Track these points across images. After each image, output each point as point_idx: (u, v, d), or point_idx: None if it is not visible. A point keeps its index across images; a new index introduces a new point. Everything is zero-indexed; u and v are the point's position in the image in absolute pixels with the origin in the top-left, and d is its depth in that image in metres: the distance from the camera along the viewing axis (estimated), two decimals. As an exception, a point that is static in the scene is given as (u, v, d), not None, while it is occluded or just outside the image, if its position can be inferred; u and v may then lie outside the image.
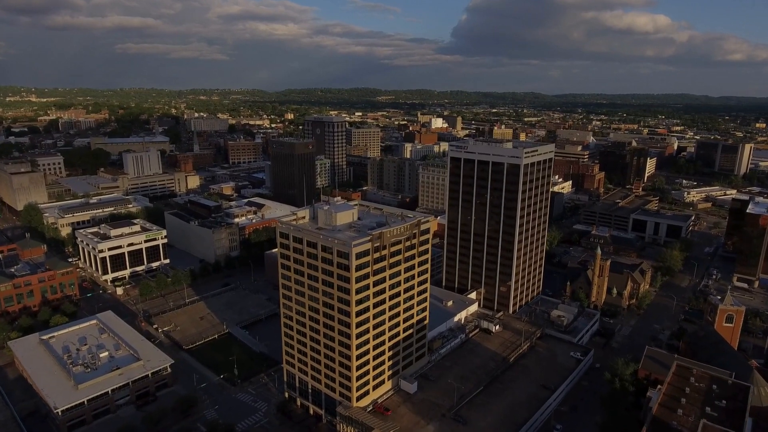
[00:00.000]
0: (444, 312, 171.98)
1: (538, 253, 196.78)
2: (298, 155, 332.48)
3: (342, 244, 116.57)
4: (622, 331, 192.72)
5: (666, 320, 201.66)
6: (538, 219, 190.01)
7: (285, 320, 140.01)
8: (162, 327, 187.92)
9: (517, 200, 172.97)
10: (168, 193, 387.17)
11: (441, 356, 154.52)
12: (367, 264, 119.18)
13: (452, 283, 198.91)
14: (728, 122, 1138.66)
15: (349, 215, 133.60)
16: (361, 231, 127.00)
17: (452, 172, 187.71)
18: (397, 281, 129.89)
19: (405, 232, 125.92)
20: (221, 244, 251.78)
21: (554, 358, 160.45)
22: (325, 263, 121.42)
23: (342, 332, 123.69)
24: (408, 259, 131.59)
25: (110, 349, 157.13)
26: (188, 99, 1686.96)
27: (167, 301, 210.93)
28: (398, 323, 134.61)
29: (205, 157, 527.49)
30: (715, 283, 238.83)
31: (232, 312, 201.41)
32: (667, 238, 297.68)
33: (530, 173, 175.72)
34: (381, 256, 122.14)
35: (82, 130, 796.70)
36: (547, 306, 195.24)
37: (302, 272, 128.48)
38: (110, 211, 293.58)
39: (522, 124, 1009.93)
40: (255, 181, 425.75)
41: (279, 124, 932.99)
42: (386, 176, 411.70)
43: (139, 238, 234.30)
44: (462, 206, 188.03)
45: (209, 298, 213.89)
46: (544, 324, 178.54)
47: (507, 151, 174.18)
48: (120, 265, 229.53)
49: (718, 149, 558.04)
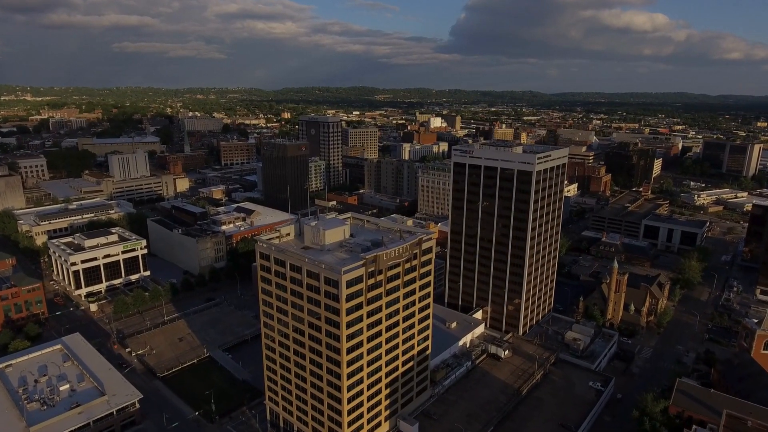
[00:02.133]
0: (447, 335, 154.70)
1: (550, 267, 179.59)
2: (291, 157, 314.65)
3: (330, 269, 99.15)
4: (642, 353, 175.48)
5: (689, 340, 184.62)
6: (551, 230, 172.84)
7: (267, 352, 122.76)
8: (136, 350, 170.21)
9: (528, 210, 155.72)
10: (155, 197, 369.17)
11: (445, 388, 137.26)
12: (360, 292, 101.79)
13: (455, 300, 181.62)
14: (729, 121, 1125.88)
15: (340, 232, 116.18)
16: (354, 251, 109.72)
17: (456, 179, 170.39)
18: (394, 309, 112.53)
19: (404, 253, 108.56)
20: (206, 255, 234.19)
21: (571, 389, 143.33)
22: (311, 291, 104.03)
23: (331, 370, 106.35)
24: (408, 283, 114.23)
25: (72, 381, 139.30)
26: (185, 98, 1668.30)
27: (144, 319, 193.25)
28: (396, 356, 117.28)
29: (196, 159, 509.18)
30: (736, 296, 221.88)
31: (215, 332, 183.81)
32: (681, 246, 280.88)
33: (543, 180, 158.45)
34: (376, 282, 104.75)
35: (73, 129, 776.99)
36: (559, 325, 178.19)
37: (285, 299, 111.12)
38: (90, 218, 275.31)
39: (522, 123, 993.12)
40: (247, 184, 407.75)
41: (275, 124, 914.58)
42: (384, 179, 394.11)
43: (116, 248, 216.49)
44: (467, 216, 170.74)
45: (191, 315, 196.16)
46: (558, 347, 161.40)
47: (517, 156, 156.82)
48: (95, 278, 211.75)
49: (725, 150, 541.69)
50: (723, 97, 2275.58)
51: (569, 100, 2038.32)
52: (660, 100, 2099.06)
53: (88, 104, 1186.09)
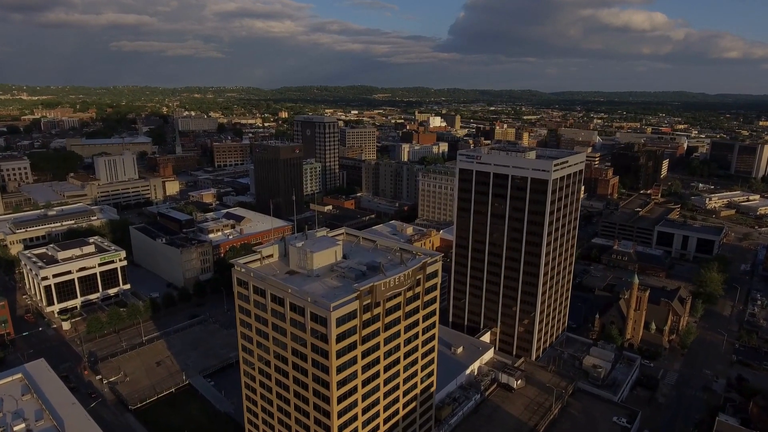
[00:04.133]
0: (453, 363, 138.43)
1: (564, 282, 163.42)
2: (284, 160, 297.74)
3: (317, 304, 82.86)
4: (666, 378, 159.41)
5: (716, 363, 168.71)
6: (566, 243, 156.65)
7: (246, 392, 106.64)
8: (108, 377, 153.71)
9: (543, 223, 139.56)
10: (143, 201, 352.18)
11: (451, 428, 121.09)
12: (354, 330, 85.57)
13: (461, 320, 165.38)
14: (731, 120, 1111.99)
15: (331, 254, 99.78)
16: (347, 278, 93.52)
17: (462, 186, 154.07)
18: (394, 346, 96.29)
19: (405, 281, 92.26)
20: (191, 266, 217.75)
21: (594, 425, 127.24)
22: (295, 327, 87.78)
23: (319, 421, 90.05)
24: (410, 314, 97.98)
25: (30, 419, 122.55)
26: (182, 97, 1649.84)
27: (121, 339, 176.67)
28: (397, 398, 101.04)
29: (188, 160, 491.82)
30: (762, 311, 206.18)
31: (197, 354, 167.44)
32: (697, 254, 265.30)
33: (559, 189, 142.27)
34: (373, 316, 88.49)
35: (65, 129, 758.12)
36: (575, 347, 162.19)
37: (266, 334, 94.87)
38: (69, 225, 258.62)
39: (521, 122, 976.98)
40: (239, 187, 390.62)
41: (272, 123, 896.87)
42: (382, 181, 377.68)
43: (93, 261, 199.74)
44: (474, 228, 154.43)
45: (172, 334, 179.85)
46: (576, 375, 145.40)
47: (531, 162, 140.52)
48: (69, 293, 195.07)
49: (734, 150, 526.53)
50: (722, 95, 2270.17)
51: (568, 99, 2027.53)
52: (659, 99, 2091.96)
53: (83, 103, 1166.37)
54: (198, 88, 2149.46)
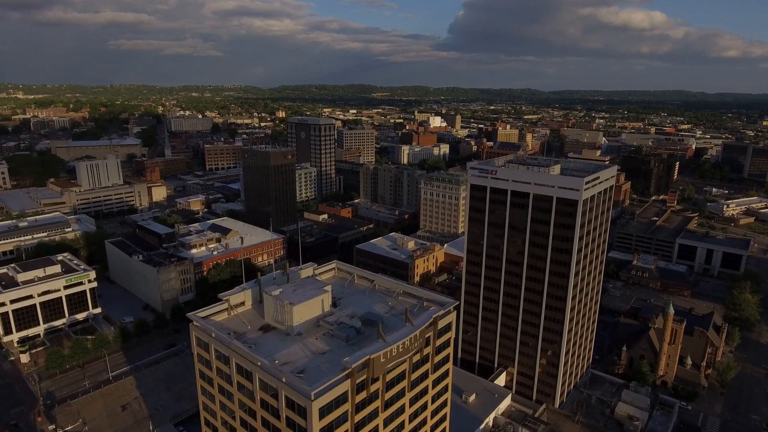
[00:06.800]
0: (465, 414, 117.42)
1: (591, 314, 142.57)
2: (275, 166, 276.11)
3: (293, 388, 61.65)
4: (708, 425, 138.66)
5: (761, 404, 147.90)
6: (594, 270, 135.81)
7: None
8: (63, 426, 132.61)
9: (572, 249, 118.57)
10: (126, 209, 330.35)
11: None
12: (345, 417, 64.52)
13: (471, 357, 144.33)
14: (733, 120, 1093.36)
15: (317, 305, 78.71)
16: (337, 338, 72.54)
17: (474, 205, 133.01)
18: (397, 425, 75.22)
19: (412, 345, 71.16)
20: (169, 286, 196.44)
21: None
22: (266, 411, 66.64)
23: None
24: (417, 382, 77.00)
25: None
26: (180, 96, 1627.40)
27: (85, 374, 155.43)
28: (400, 486, 79.99)
29: (177, 163, 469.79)
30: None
31: (170, 395, 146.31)
32: (723, 269, 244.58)
33: (590, 210, 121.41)
34: (369, 396, 67.47)
35: (55, 130, 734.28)
36: (603, 389, 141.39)
37: (233, 413, 73.73)
38: (40, 238, 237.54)
39: (522, 122, 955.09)
40: (230, 193, 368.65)
41: (269, 123, 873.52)
42: (381, 187, 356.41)
43: (58, 283, 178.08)
44: (487, 254, 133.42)
45: (142, 369, 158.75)
46: (607, 426, 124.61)
47: (557, 179, 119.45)
48: (30, 320, 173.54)
49: (747, 153, 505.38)
50: (721, 94, 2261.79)
51: (567, 98, 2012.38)
52: (658, 98, 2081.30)
53: (77, 103, 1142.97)
54: (196, 87, 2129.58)
